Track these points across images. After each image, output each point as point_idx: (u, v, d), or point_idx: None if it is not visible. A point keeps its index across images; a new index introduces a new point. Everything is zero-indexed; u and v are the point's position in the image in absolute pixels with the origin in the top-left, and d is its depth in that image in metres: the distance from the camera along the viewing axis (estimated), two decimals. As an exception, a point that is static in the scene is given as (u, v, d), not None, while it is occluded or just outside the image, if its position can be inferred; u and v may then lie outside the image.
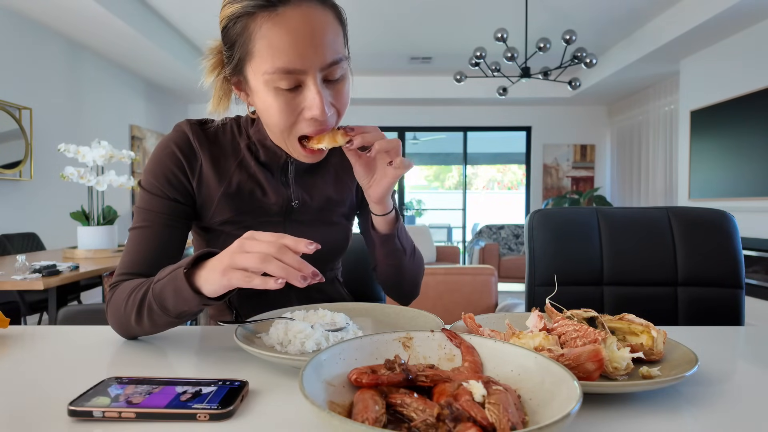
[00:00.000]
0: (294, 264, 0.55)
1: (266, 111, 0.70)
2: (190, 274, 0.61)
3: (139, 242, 0.76)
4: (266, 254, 0.55)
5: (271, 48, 0.64)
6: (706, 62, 4.58)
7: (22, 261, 2.02)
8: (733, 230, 1.08)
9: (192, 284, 0.60)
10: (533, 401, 0.41)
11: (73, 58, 4.45)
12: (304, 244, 0.56)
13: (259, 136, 0.81)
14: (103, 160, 2.50)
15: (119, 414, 0.43)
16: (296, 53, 0.64)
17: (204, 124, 0.83)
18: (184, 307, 0.62)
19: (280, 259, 0.55)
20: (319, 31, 0.65)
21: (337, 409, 0.39)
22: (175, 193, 0.78)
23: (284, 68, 0.65)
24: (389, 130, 7.31)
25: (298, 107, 0.68)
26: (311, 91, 0.66)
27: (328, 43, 0.66)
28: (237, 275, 0.56)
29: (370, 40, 5.31)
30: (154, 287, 0.64)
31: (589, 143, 7.15)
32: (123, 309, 0.68)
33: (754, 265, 4.08)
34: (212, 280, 0.58)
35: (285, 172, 0.84)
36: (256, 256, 0.55)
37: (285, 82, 0.66)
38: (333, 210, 0.90)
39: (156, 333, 0.70)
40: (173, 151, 0.78)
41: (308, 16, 0.64)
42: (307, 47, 0.64)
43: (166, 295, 0.62)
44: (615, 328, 0.61)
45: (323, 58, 0.66)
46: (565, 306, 0.69)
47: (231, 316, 0.90)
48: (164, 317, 0.64)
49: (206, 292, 0.60)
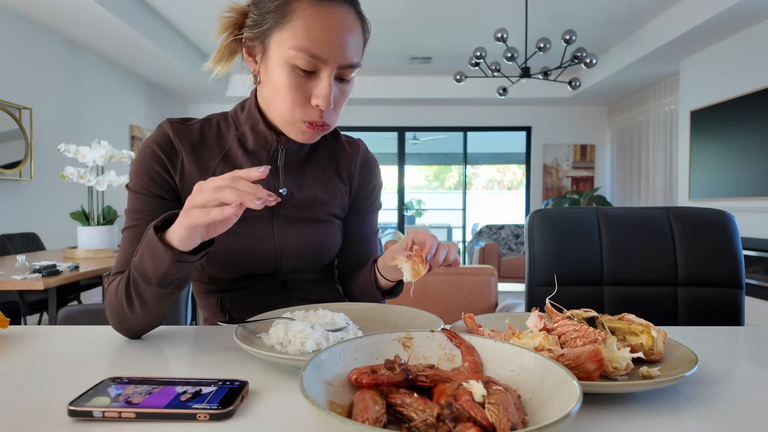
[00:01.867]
0: (248, 189, 0.57)
1: (275, 84, 0.73)
2: (161, 235, 0.63)
3: (130, 241, 0.78)
4: (218, 186, 0.57)
5: (306, 30, 0.69)
6: (706, 62, 4.58)
7: (22, 261, 2.02)
8: (733, 230, 1.08)
9: (164, 242, 0.62)
10: (533, 401, 0.41)
11: (73, 58, 4.45)
12: (259, 171, 0.58)
13: (252, 121, 0.82)
14: (103, 160, 2.50)
15: (119, 414, 0.43)
16: (326, 43, 0.70)
17: (187, 120, 0.85)
18: (161, 269, 0.63)
19: (235, 187, 0.57)
20: (349, 34, 0.72)
21: (337, 409, 0.39)
22: (159, 190, 0.80)
23: (311, 51, 0.70)
24: (389, 130, 7.32)
25: (307, 91, 0.73)
26: (324, 81, 0.72)
27: (353, 46, 0.73)
28: (196, 212, 0.58)
29: (371, 40, 5.29)
30: (134, 260, 0.66)
31: (589, 143, 7.15)
32: (115, 299, 0.69)
33: (754, 265, 4.08)
34: (179, 230, 0.60)
35: (275, 160, 0.85)
36: (210, 189, 0.58)
37: (305, 63, 0.70)
38: (322, 208, 0.90)
39: (151, 318, 0.70)
40: (154, 150, 0.80)
41: (345, 17, 0.72)
42: (336, 42, 0.70)
43: (144, 261, 0.64)
44: (615, 328, 0.61)
45: (346, 57, 0.72)
46: (565, 306, 0.69)
47: (224, 319, 0.89)
48: (149, 289, 0.65)
49: (176, 244, 0.61)
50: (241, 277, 0.88)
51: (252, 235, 0.84)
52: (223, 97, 6.68)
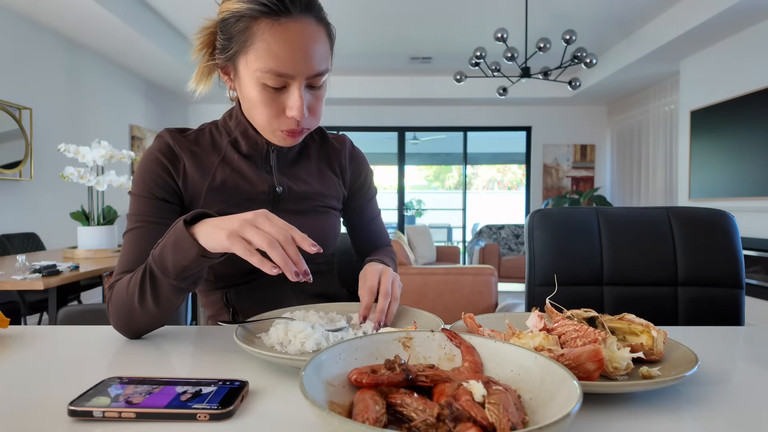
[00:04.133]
0: (293, 256, 0.59)
1: (250, 101, 0.77)
2: (188, 228, 0.64)
3: (134, 242, 0.79)
4: (274, 240, 0.59)
5: (268, 51, 0.71)
6: (706, 62, 4.58)
7: (22, 261, 2.02)
8: (733, 230, 1.08)
9: (192, 235, 0.63)
10: (533, 401, 0.41)
11: (73, 58, 4.45)
12: (309, 243, 0.61)
13: (241, 128, 0.86)
14: (103, 160, 2.50)
15: (119, 414, 0.43)
16: (289, 60, 0.72)
17: (183, 131, 0.88)
18: (183, 261, 0.64)
19: (284, 248, 0.59)
20: (312, 45, 0.73)
21: (338, 409, 0.39)
22: (163, 193, 0.82)
23: (276, 71, 0.72)
24: (389, 130, 7.32)
25: (280, 104, 0.76)
26: (294, 95, 0.74)
27: (317, 56, 0.74)
28: (241, 244, 0.60)
29: (370, 40, 5.31)
30: (154, 252, 0.67)
31: (589, 143, 7.15)
32: (125, 293, 0.69)
33: (754, 265, 4.08)
34: (215, 237, 0.61)
35: (267, 160, 0.88)
36: (265, 237, 0.59)
37: (273, 81, 0.73)
38: (319, 200, 0.93)
39: (158, 315, 0.70)
40: (157, 157, 0.83)
41: (304, 30, 0.72)
42: (299, 57, 0.72)
43: (166, 252, 0.65)
44: (615, 328, 0.61)
45: (311, 68, 0.74)
46: (565, 306, 0.69)
47: (229, 315, 0.91)
48: (165, 282, 0.66)
49: (202, 242, 0.63)
50: (245, 271, 0.90)
51: None
52: (222, 97, 6.64)
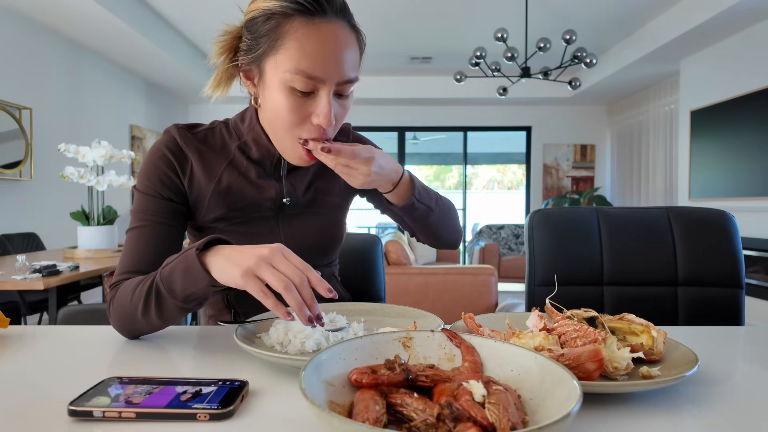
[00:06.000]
0: (308, 300, 0.57)
1: (275, 107, 0.72)
2: (200, 256, 0.63)
3: (137, 241, 0.78)
4: (290, 283, 0.57)
5: (301, 51, 0.68)
6: (706, 62, 4.58)
7: (22, 261, 2.02)
8: (733, 230, 1.08)
9: (203, 265, 0.62)
10: (533, 401, 0.41)
11: (73, 58, 4.45)
12: (324, 288, 0.59)
13: (254, 135, 0.82)
14: (103, 160, 2.50)
15: (119, 414, 0.43)
16: (322, 62, 0.68)
17: (192, 127, 0.86)
18: (192, 288, 0.63)
19: (299, 291, 0.57)
20: (344, 50, 0.70)
21: (338, 409, 0.39)
22: (168, 192, 0.81)
23: (307, 73, 0.68)
24: (389, 130, 7.32)
25: (307, 111, 0.72)
26: (323, 101, 0.71)
27: (349, 62, 0.71)
28: (255, 284, 0.58)
29: (370, 40, 5.30)
30: (162, 271, 0.66)
31: (589, 143, 7.15)
32: (129, 302, 0.68)
33: (754, 265, 4.08)
34: (229, 273, 0.59)
35: (278, 168, 0.86)
36: (282, 279, 0.57)
37: (303, 84, 0.69)
38: (322, 198, 0.91)
39: (161, 326, 0.70)
40: (164, 154, 0.81)
41: (339, 33, 0.70)
42: (331, 60, 0.69)
43: (175, 276, 0.63)
44: (615, 328, 0.61)
45: (343, 73, 0.70)
46: (565, 306, 0.69)
47: (230, 315, 0.91)
48: (171, 302, 0.65)
49: (213, 273, 0.61)
50: None
51: (258, 233, 0.86)
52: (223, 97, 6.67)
